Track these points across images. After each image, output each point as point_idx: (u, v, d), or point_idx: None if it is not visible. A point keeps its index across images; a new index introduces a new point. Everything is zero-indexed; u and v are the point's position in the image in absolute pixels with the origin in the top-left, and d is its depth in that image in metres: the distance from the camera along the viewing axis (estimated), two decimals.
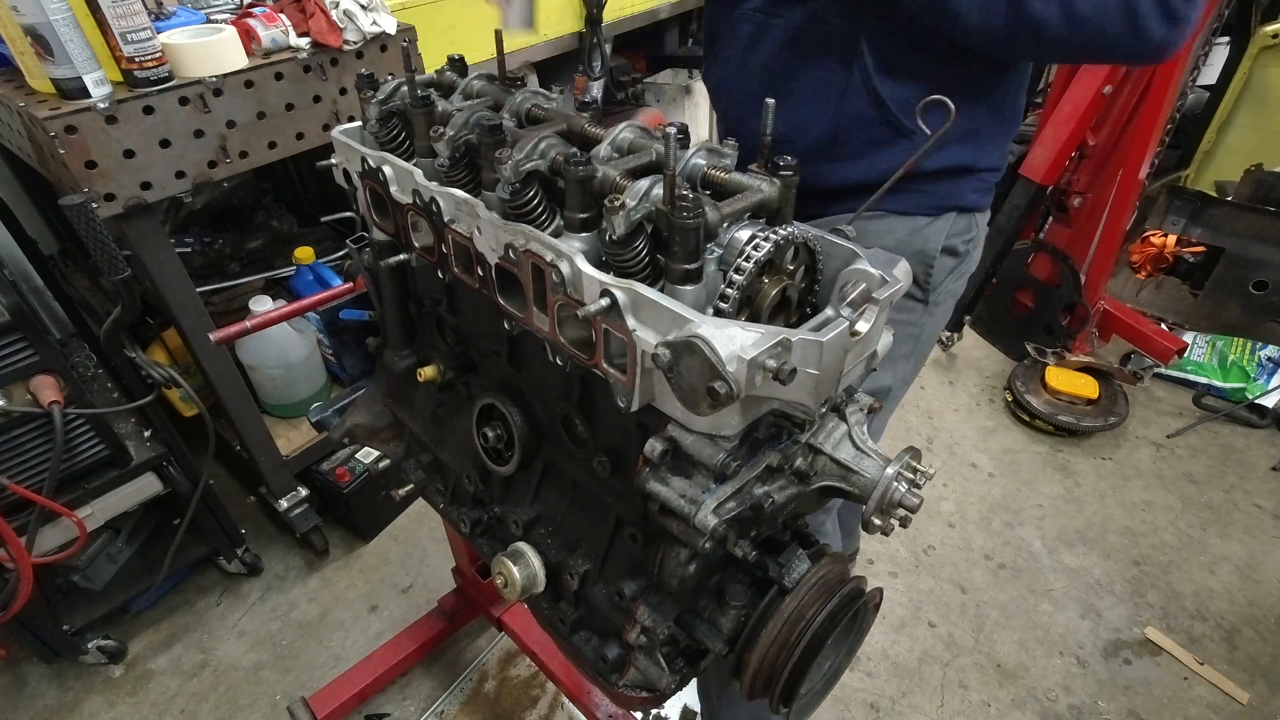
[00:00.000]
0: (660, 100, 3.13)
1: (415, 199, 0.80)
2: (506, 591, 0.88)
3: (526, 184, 0.69)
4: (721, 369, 0.54)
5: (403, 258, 0.88)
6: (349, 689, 1.68)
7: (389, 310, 1.03)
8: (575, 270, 0.64)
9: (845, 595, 0.76)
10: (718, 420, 0.62)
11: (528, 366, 0.86)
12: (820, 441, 0.69)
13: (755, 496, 0.66)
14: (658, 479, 0.67)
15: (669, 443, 0.65)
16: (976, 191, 1.13)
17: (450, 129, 0.75)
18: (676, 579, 0.74)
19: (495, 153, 0.68)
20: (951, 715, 1.79)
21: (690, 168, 0.68)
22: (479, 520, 1.01)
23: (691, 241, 0.59)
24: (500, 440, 0.89)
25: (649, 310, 0.60)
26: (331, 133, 0.91)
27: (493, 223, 0.70)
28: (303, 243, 2.19)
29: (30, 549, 1.43)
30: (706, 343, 0.54)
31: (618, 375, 0.65)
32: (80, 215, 1.20)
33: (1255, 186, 2.80)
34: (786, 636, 0.73)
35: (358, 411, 1.20)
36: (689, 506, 0.64)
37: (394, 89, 0.86)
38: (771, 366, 0.55)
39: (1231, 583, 2.09)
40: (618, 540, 0.83)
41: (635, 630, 0.79)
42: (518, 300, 0.73)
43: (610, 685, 0.86)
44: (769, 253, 0.60)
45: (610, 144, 0.70)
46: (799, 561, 0.77)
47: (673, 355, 0.56)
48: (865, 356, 0.66)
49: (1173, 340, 2.53)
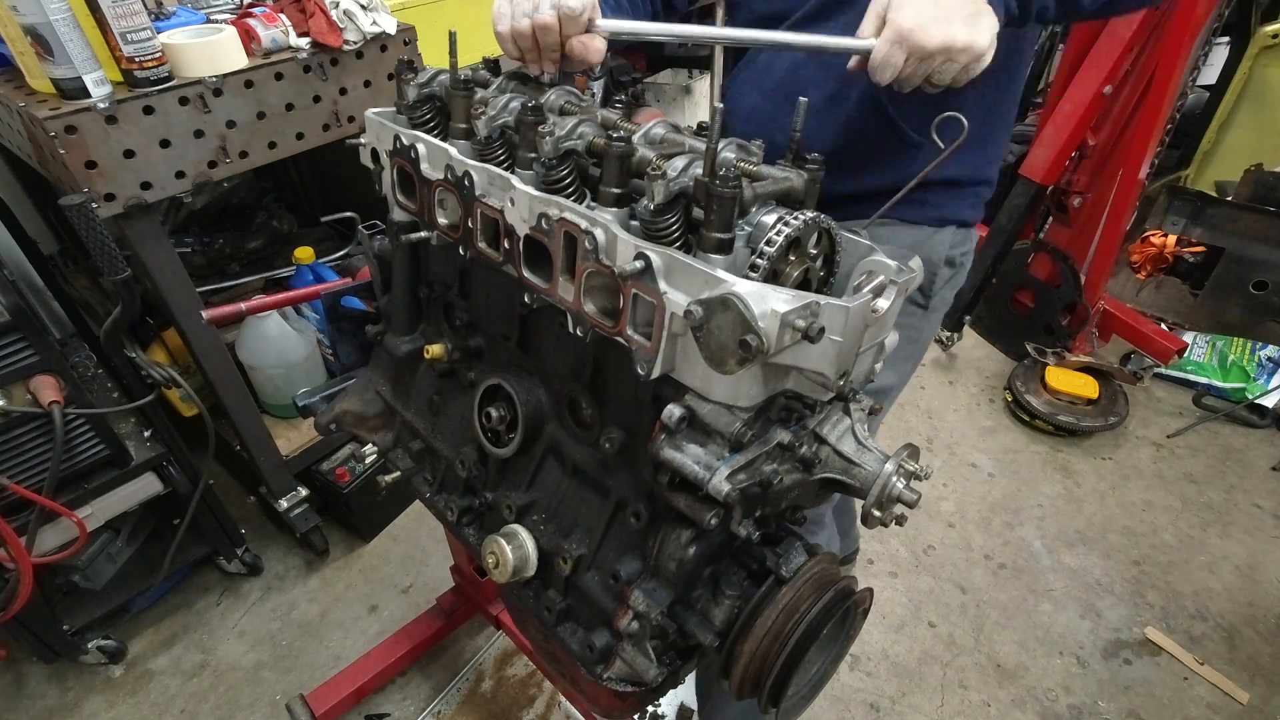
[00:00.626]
0: (660, 100, 3.13)
1: (448, 174, 0.84)
2: (497, 572, 0.88)
3: (563, 161, 0.74)
4: (754, 323, 0.57)
5: (424, 235, 0.92)
6: (347, 686, 1.68)
7: (397, 293, 1.05)
8: (610, 236, 0.67)
9: (839, 591, 0.76)
10: (736, 390, 0.65)
11: (538, 349, 0.89)
12: (826, 432, 0.72)
13: (765, 473, 0.69)
14: (673, 446, 0.69)
15: (687, 410, 0.67)
16: (972, 208, 1.20)
17: (490, 109, 0.81)
18: (675, 562, 0.76)
19: (537, 129, 0.73)
20: (951, 715, 1.79)
21: (721, 158, 0.70)
22: (468, 508, 1.02)
23: (728, 210, 0.62)
24: (503, 422, 0.91)
25: (682, 274, 0.64)
26: (366, 113, 0.96)
27: (528, 194, 0.74)
28: (303, 243, 2.18)
29: (30, 549, 1.43)
30: (741, 299, 0.58)
31: (642, 341, 0.68)
32: (80, 215, 1.20)
33: (1255, 186, 2.80)
34: (781, 627, 0.74)
35: (347, 399, 1.21)
36: (704, 472, 0.66)
37: (433, 75, 0.92)
38: (801, 325, 0.58)
39: (1231, 583, 2.09)
40: (615, 525, 0.85)
41: (628, 616, 0.79)
42: (543, 272, 0.77)
43: (595, 678, 0.86)
44: (798, 229, 0.64)
45: (643, 135, 0.75)
46: (796, 554, 0.79)
47: (705, 312, 0.60)
48: (876, 344, 0.69)
49: (1173, 340, 2.53)
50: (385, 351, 1.13)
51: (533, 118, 0.75)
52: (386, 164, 0.95)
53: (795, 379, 0.67)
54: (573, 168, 0.75)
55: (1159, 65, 2.15)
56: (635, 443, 0.79)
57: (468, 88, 0.84)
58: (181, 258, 1.53)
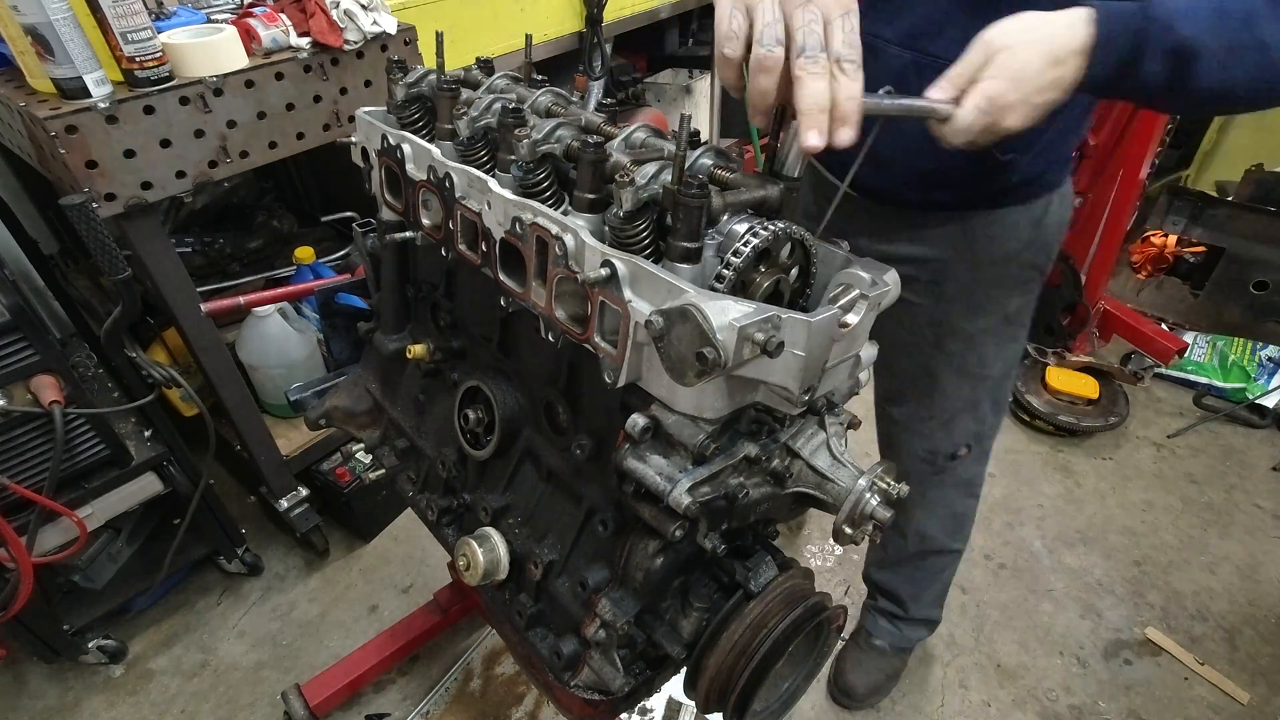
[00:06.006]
0: (660, 100, 3.13)
1: (430, 175, 0.84)
2: (468, 575, 0.89)
3: (540, 165, 0.73)
4: (712, 336, 0.56)
5: (409, 235, 0.92)
6: (342, 678, 1.69)
7: (386, 292, 1.06)
8: (579, 243, 0.67)
9: (809, 607, 0.76)
10: (701, 402, 0.64)
11: (517, 351, 0.89)
12: (799, 446, 0.71)
13: (730, 486, 0.68)
14: (636, 456, 0.68)
15: (651, 420, 0.67)
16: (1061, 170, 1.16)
17: (473, 110, 0.80)
18: (642, 572, 0.75)
19: (514, 132, 0.72)
20: (952, 715, 1.79)
21: (697, 165, 0.70)
22: (448, 508, 1.02)
23: (694, 219, 0.61)
24: (480, 424, 0.91)
25: (646, 283, 0.63)
26: (357, 111, 0.96)
27: (503, 198, 0.73)
28: (303, 242, 2.19)
29: (30, 549, 1.43)
30: (699, 310, 0.57)
31: (609, 349, 0.68)
32: (80, 215, 1.20)
33: (1256, 186, 2.80)
34: (747, 642, 0.73)
35: (337, 394, 1.21)
36: (665, 484, 0.65)
37: (422, 74, 0.92)
38: (760, 339, 0.57)
39: (1232, 583, 2.09)
40: (587, 532, 0.84)
41: (594, 625, 0.79)
42: (518, 276, 0.76)
43: (563, 684, 0.86)
44: (766, 240, 0.62)
45: (623, 140, 0.74)
46: (766, 568, 0.78)
47: (665, 322, 0.59)
48: (850, 357, 0.68)
49: (1173, 340, 2.52)
50: (375, 349, 1.13)
51: (511, 120, 0.74)
52: (375, 163, 0.95)
53: (764, 392, 0.66)
54: (550, 171, 0.74)
55: None
56: (605, 451, 0.78)
57: (453, 88, 0.84)
58: (182, 257, 1.54)
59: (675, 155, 0.61)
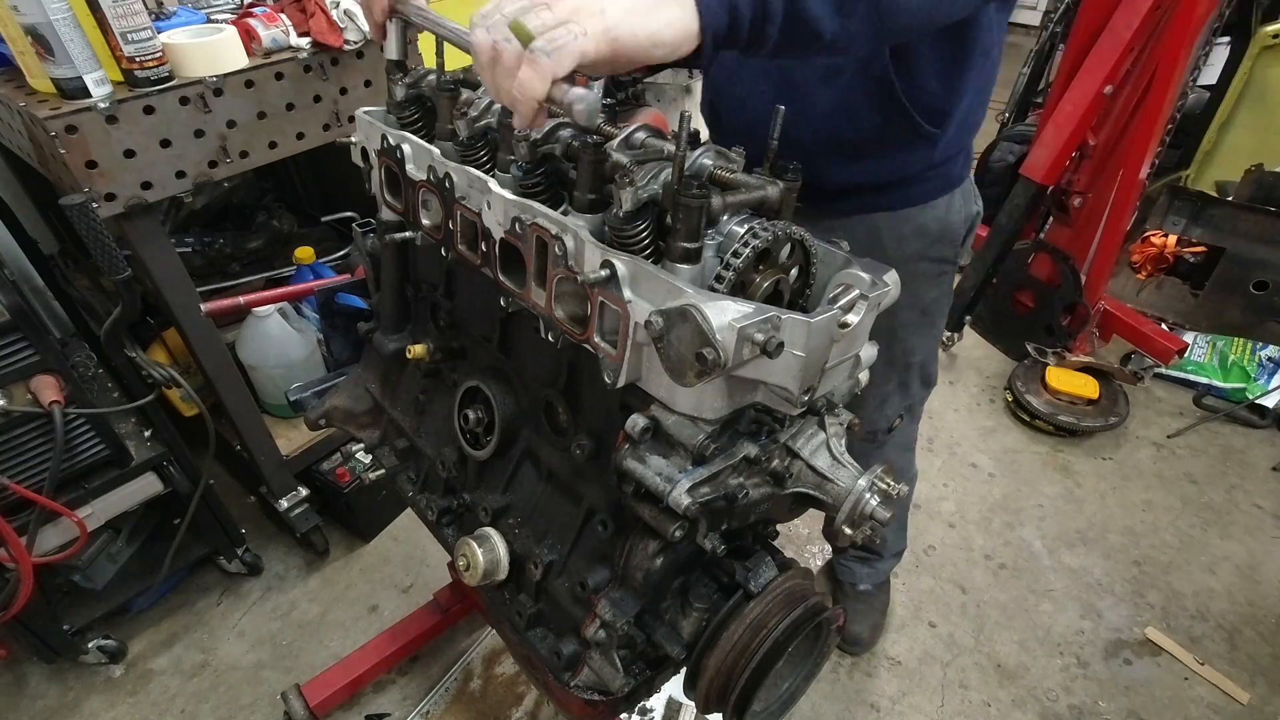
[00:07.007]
0: (660, 100, 3.13)
1: (429, 175, 0.84)
2: (468, 575, 0.88)
3: (540, 164, 0.73)
4: (712, 336, 0.56)
5: (409, 235, 0.92)
6: (342, 678, 1.69)
7: (386, 292, 1.05)
8: (579, 243, 0.66)
9: (809, 608, 0.76)
10: (701, 402, 0.64)
11: (516, 351, 0.89)
12: (799, 446, 0.71)
13: (730, 486, 0.68)
14: (635, 457, 0.68)
15: (651, 421, 0.67)
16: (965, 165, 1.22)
17: (473, 110, 0.80)
18: (642, 572, 0.75)
19: (514, 132, 0.72)
20: (952, 715, 1.79)
21: (698, 166, 0.69)
22: (448, 508, 1.02)
23: (694, 220, 0.61)
24: (480, 424, 0.91)
25: (646, 283, 0.63)
26: (357, 111, 0.96)
27: (503, 198, 0.73)
28: (303, 243, 2.18)
29: (30, 549, 1.43)
30: (699, 310, 0.57)
31: (608, 350, 0.67)
32: (80, 215, 1.20)
33: (1256, 186, 2.80)
34: (747, 643, 0.73)
35: (337, 394, 1.21)
36: (664, 484, 0.65)
37: (422, 74, 0.92)
38: (759, 339, 0.57)
39: (1232, 583, 2.09)
40: (587, 532, 0.84)
41: (594, 625, 0.79)
42: (518, 276, 0.76)
43: (563, 684, 0.86)
44: (766, 241, 0.62)
45: (623, 140, 0.73)
46: (766, 568, 0.78)
47: (665, 323, 0.59)
48: (850, 357, 0.68)
49: (1173, 340, 2.52)
50: (374, 349, 1.13)
51: (511, 119, 0.73)
52: (375, 163, 0.95)
53: (764, 393, 0.66)
54: (550, 171, 0.74)
55: (1159, 65, 2.15)
56: (605, 451, 0.78)
57: (453, 88, 0.84)
58: (182, 257, 1.53)
59: (675, 155, 0.61)
